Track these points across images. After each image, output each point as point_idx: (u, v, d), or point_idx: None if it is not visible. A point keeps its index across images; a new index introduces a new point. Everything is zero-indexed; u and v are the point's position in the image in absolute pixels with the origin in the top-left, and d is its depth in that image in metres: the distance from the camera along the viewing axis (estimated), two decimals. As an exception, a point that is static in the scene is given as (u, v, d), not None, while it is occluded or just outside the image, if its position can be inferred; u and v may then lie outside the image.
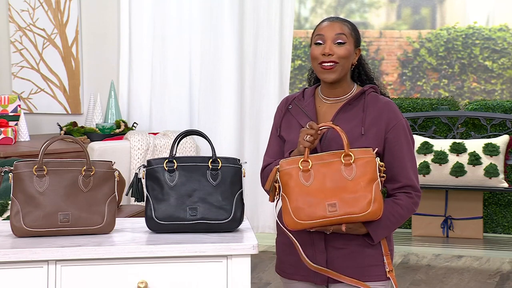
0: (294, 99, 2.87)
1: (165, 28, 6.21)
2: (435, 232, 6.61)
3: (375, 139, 2.71)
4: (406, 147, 2.75)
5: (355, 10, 8.32)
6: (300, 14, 8.41)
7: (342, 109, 2.77)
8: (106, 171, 2.65)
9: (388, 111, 2.75)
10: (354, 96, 2.78)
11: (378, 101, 2.77)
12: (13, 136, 5.65)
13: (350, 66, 2.79)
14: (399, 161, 2.73)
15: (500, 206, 6.76)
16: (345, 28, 2.77)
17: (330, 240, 2.73)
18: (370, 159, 2.63)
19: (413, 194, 2.74)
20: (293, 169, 2.64)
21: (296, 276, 2.83)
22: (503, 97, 7.80)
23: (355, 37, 2.79)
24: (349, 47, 2.76)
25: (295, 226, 2.63)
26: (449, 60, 7.85)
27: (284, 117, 2.86)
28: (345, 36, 2.75)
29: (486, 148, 6.34)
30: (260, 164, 6.14)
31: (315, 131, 2.65)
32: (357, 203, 2.59)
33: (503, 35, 7.76)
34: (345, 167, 2.62)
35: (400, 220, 2.74)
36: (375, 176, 2.61)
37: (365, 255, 2.73)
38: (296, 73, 8.11)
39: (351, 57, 2.78)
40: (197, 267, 2.53)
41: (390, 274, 2.73)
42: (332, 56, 2.74)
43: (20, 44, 6.41)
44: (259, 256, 5.72)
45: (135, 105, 6.28)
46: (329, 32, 2.76)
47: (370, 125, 2.73)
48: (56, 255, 2.47)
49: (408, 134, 2.77)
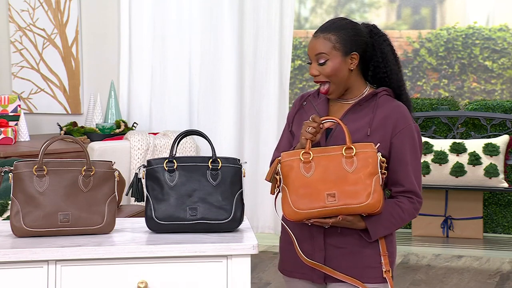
0: (309, 96, 2.88)
1: (165, 28, 6.21)
2: (435, 232, 6.61)
3: (380, 141, 2.70)
4: (411, 153, 2.72)
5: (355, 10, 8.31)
6: (300, 14, 8.40)
7: (352, 110, 2.76)
8: (106, 171, 2.65)
9: (397, 115, 2.73)
10: (365, 97, 2.77)
11: (389, 104, 2.75)
12: (13, 136, 5.65)
13: (345, 77, 2.74)
14: (402, 166, 2.71)
15: (500, 206, 6.76)
16: (326, 43, 2.71)
17: (330, 238, 2.73)
18: (371, 153, 2.63)
19: (415, 200, 2.73)
20: (294, 161, 2.65)
21: (296, 274, 2.84)
22: (503, 97, 7.80)
23: (343, 46, 2.72)
24: (332, 63, 2.71)
25: (294, 216, 2.65)
26: (449, 60, 7.85)
27: (297, 113, 2.86)
28: (325, 54, 2.71)
29: (486, 148, 6.34)
30: (260, 164, 6.19)
31: (317, 124, 2.65)
32: (356, 195, 2.60)
33: (503, 35, 7.76)
34: (346, 159, 2.63)
35: (400, 223, 2.73)
36: (376, 170, 2.62)
37: (363, 255, 2.73)
38: (296, 73, 8.10)
39: (342, 69, 2.73)
40: (197, 267, 2.53)
41: (386, 274, 2.72)
42: (319, 76, 2.74)
43: (20, 44, 6.41)
44: (259, 256, 5.72)
45: (135, 105, 6.28)
46: (310, 52, 2.75)
47: (378, 127, 2.71)
48: (56, 255, 2.47)
49: (416, 139, 2.74)
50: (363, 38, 2.77)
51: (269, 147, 6.20)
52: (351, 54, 2.74)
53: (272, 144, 6.20)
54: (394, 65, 2.81)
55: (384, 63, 2.79)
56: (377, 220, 2.68)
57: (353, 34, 2.76)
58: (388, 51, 2.81)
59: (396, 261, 2.84)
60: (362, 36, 2.77)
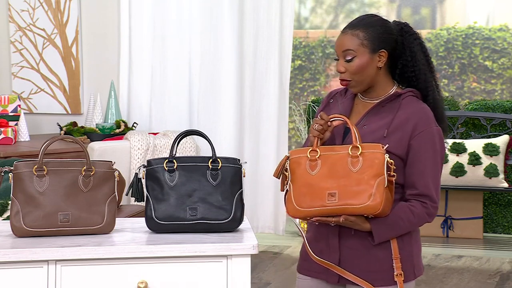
0: (336, 93, 2.86)
1: (165, 28, 6.21)
2: (435, 232, 6.61)
3: (397, 143, 2.65)
4: (429, 157, 2.66)
5: (355, 10, 8.31)
6: (300, 14, 8.40)
7: (373, 110, 2.73)
8: (106, 171, 2.65)
9: (419, 117, 2.67)
10: (388, 98, 2.73)
11: (412, 105, 2.70)
12: (13, 136, 5.65)
13: (372, 74, 2.71)
14: (419, 168, 2.65)
15: (500, 206, 6.76)
16: (354, 40, 2.68)
17: (344, 239, 2.71)
18: (378, 154, 2.59)
19: (428, 204, 2.67)
20: (301, 158, 2.64)
21: (312, 273, 2.80)
22: (503, 97, 7.80)
23: (371, 43, 2.68)
24: (359, 60, 2.68)
25: (295, 213, 2.63)
26: (449, 60, 7.85)
27: (323, 110, 2.83)
28: (352, 51, 2.68)
29: (486, 148, 6.34)
30: (260, 164, 6.19)
31: (325, 121, 2.64)
32: (357, 195, 2.57)
33: (503, 35, 7.76)
34: (351, 159, 2.60)
35: (409, 227, 2.68)
36: (381, 172, 2.57)
37: (377, 258, 2.69)
38: (296, 73, 8.10)
39: (369, 66, 2.69)
40: (197, 267, 2.53)
41: (397, 278, 2.67)
42: (345, 74, 2.70)
43: (20, 44, 6.41)
44: (259, 256, 5.72)
45: (135, 105, 6.28)
46: (338, 48, 2.71)
47: (396, 128, 2.67)
48: (56, 255, 2.47)
49: (436, 143, 2.68)
50: (392, 36, 2.72)
51: (269, 147, 6.21)
52: (379, 52, 2.70)
53: (272, 144, 6.20)
54: (423, 65, 2.75)
55: (413, 62, 2.73)
56: (383, 223, 2.64)
57: (382, 31, 2.71)
58: (418, 50, 2.74)
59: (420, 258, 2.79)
60: (391, 33, 2.73)
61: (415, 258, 2.76)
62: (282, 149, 6.22)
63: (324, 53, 7.98)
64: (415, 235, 2.77)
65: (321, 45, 7.97)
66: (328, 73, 8.07)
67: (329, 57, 8.02)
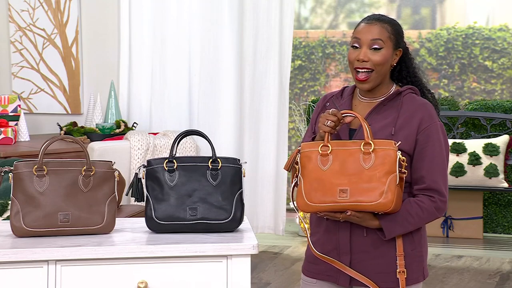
0: (332, 96, 2.86)
1: (165, 28, 6.21)
2: (435, 232, 6.61)
3: (405, 140, 2.66)
4: (436, 151, 2.68)
5: (355, 10, 8.31)
6: (300, 14, 8.40)
7: (376, 109, 2.74)
8: (106, 171, 2.65)
9: (423, 113, 2.70)
10: (389, 97, 2.74)
11: (413, 102, 2.72)
12: (13, 136, 5.65)
13: (387, 70, 2.73)
14: (427, 163, 2.67)
15: (500, 206, 6.76)
16: (384, 32, 2.70)
17: (355, 241, 2.70)
18: (391, 151, 2.59)
19: (436, 198, 2.67)
20: (313, 152, 2.64)
21: (318, 275, 2.79)
22: (503, 97, 7.80)
23: (395, 39, 2.72)
24: (385, 52, 2.69)
25: (305, 208, 2.63)
26: (449, 60, 7.85)
27: (319, 113, 2.83)
28: (381, 41, 2.69)
29: (486, 148, 6.34)
30: (260, 164, 6.19)
31: (338, 118, 2.63)
32: (369, 193, 2.57)
33: (503, 35, 7.76)
34: (364, 155, 2.60)
35: (418, 222, 2.68)
36: (393, 169, 2.57)
37: (387, 260, 2.68)
38: (296, 73, 8.10)
39: (388, 61, 2.71)
40: (197, 267, 2.53)
41: (399, 275, 2.67)
42: (367, 63, 2.69)
43: (20, 44, 6.41)
44: (259, 256, 5.72)
45: (135, 105, 6.28)
46: (365, 36, 2.70)
47: (402, 126, 2.68)
48: (56, 255, 2.47)
49: (441, 137, 2.70)
50: (404, 39, 2.79)
51: (269, 147, 6.21)
52: (397, 50, 2.74)
53: (272, 144, 6.20)
54: (416, 64, 2.83)
55: (410, 62, 2.81)
56: (393, 219, 2.64)
57: (401, 31, 2.77)
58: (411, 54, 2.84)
59: (426, 260, 2.79)
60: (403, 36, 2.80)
61: (424, 259, 2.78)
62: (282, 149, 6.22)
63: (324, 53, 7.98)
64: (424, 236, 2.79)
65: (321, 45, 7.97)
66: (328, 73, 8.07)
67: (329, 57, 8.02)
